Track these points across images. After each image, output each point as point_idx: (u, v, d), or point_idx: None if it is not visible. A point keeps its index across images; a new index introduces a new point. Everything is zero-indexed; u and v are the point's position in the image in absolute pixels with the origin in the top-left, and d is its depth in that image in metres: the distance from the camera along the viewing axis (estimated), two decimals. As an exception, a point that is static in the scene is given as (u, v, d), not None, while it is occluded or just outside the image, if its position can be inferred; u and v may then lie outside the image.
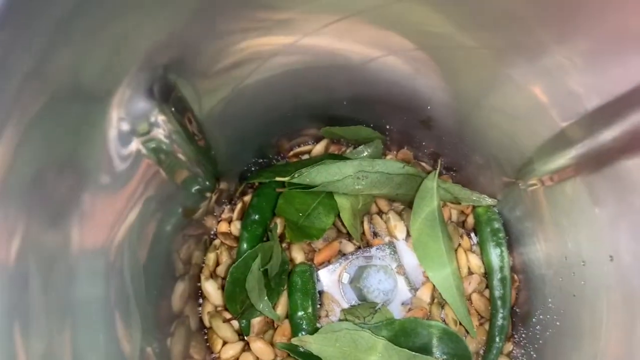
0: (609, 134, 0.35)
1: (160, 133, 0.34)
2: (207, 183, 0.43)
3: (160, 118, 0.33)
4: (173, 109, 0.33)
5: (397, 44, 0.37)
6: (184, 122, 0.36)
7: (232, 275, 0.45)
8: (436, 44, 0.36)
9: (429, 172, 0.48)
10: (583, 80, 0.33)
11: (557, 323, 0.43)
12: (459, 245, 0.49)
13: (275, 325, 0.47)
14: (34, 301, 0.25)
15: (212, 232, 0.49)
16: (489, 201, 0.47)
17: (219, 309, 0.47)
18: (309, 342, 0.42)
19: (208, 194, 0.45)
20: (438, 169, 0.46)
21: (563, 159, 0.39)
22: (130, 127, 0.31)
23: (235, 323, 0.47)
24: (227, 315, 0.46)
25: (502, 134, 0.43)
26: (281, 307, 0.46)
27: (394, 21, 0.35)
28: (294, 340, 0.43)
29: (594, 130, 0.35)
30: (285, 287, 0.47)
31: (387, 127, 0.48)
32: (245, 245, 0.47)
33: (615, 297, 0.38)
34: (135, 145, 0.31)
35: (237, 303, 0.46)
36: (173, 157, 0.36)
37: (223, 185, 0.47)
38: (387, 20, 0.35)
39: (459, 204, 0.49)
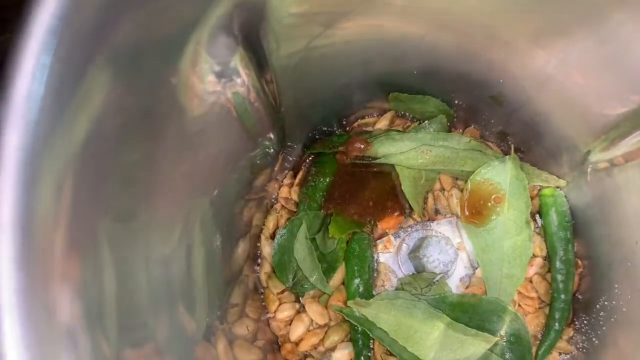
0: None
1: (239, 82, 0.35)
2: (276, 144, 0.44)
3: (241, 65, 0.34)
4: (252, 56, 0.34)
5: (472, 8, 0.37)
6: (261, 74, 0.37)
7: (279, 242, 0.46)
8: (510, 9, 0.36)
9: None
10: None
11: (624, 309, 0.42)
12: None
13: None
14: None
15: (274, 197, 0.50)
16: (558, 181, 0.46)
17: (276, 270, 0.47)
18: (365, 306, 0.42)
19: (275, 156, 0.46)
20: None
21: (636, 136, 0.38)
22: (212, 67, 0.32)
23: (291, 284, 0.47)
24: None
25: (573, 112, 0.42)
26: (337, 276, 0.46)
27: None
28: (350, 303, 0.43)
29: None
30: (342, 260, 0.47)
31: (456, 101, 0.47)
32: (301, 213, 0.47)
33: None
34: (217, 87, 0.32)
35: (288, 272, 0.46)
36: (250, 108, 0.37)
37: (287, 150, 0.48)
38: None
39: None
